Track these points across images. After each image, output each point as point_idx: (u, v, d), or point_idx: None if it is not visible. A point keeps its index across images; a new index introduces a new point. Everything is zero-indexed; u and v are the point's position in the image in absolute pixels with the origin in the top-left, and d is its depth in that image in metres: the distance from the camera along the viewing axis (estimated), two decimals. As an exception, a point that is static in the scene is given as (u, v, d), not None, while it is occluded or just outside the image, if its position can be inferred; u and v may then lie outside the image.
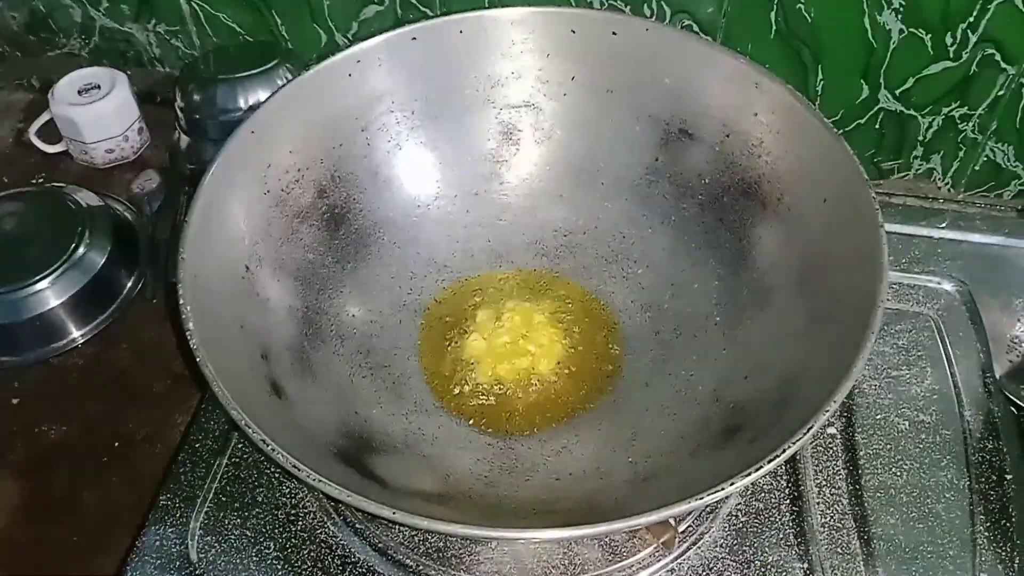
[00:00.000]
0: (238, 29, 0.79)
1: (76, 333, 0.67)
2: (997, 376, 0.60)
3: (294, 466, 0.39)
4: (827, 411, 0.40)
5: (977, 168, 0.75)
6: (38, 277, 0.65)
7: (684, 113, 0.57)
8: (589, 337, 0.58)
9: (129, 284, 0.70)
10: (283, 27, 0.78)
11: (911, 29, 0.66)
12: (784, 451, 0.38)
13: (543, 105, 0.61)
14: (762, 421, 0.46)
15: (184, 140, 0.75)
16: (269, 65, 0.72)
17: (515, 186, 0.62)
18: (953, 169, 0.76)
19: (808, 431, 0.39)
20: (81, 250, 0.67)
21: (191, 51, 0.82)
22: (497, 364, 0.57)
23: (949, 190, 0.77)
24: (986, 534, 0.53)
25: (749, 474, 0.38)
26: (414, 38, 0.56)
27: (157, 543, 0.52)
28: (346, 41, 0.78)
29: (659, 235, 0.60)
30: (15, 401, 0.64)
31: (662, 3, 0.68)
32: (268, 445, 0.39)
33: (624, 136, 0.60)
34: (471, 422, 0.55)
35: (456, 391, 0.56)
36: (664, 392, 0.54)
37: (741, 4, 0.67)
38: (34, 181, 0.78)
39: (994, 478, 0.55)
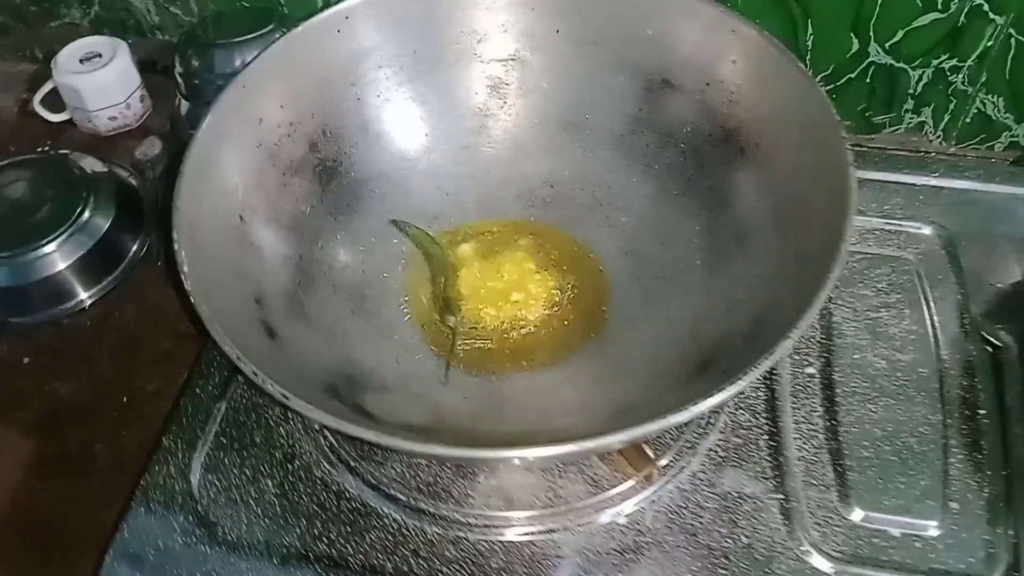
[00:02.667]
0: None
1: (84, 295, 0.69)
2: (975, 317, 0.61)
3: (283, 395, 0.41)
4: (790, 337, 0.41)
5: (968, 120, 0.75)
6: (45, 241, 0.68)
7: (666, 63, 0.59)
8: (575, 283, 0.60)
9: (134, 248, 0.72)
10: (280, -8, 0.79)
11: (900, -21, 0.66)
12: (744, 376, 0.40)
13: (529, 58, 0.62)
14: (734, 355, 0.47)
15: (184, 106, 0.77)
16: (266, 29, 0.73)
17: (502, 138, 0.63)
18: (944, 122, 0.76)
19: (770, 357, 0.41)
20: (87, 214, 0.70)
21: (190, 18, 0.84)
22: (485, 309, 0.59)
23: (940, 143, 0.78)
24: (958, 466, 0.54)
25: (712, 395, 0.40)
26: (399, -6, 0.58)
27: (161, 481, 0.55)
28: (343, 4, 0.79)
29: (642, 184, 0.61)
30: (26, 360, 0.66)
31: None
32: (258, 376, 0.41)
33: (608, 88, 0.61)
34: (459, 364, 0.56)
35: (449, 335, 0.58)
36: (645, 333, 0.56)
37: (732, -43, 0.68)
38: (40, 149, 0.80)
39: (967, 413, 0.57)
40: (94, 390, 0.64)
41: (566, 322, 0.59)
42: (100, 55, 0.79)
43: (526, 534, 0.52)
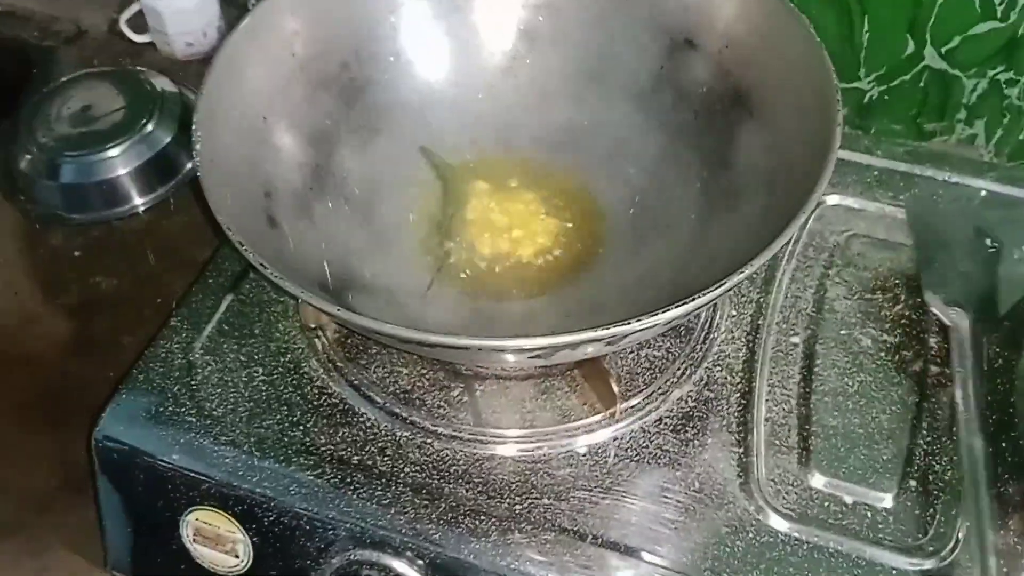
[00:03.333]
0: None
1: (138, 200, 0.74)
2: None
3: (261, 264, 0.44)
4: (742, 272, 0.43)
5: (1022, 138, 0.74)
6: (110, 145, 0.73)
7: (691, 23, 0.60)
8: (575, 225, 0.62)
9: (189, 165, 0.76)
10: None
11: (959, -17, 0.66)
12: (687, 302, 0.42)
13: (561, 6, 0.64)
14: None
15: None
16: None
17: (527, 82, 0.66)
18: (997, 136, 0.75)
19: (719, 288, 0.43)
20: (150, 127, 0.75)
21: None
22: (486, 238, 0.61)
23: (992, 158, 0.76)
24: (924, 447, 0.54)
25: (656, 314, 0.41)
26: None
27: (162, 355, 0.59)
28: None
29: (654, 138, 0.63)
30: (76, 254, 0.71)
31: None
32: (243, 246, 0.44)
33: (635, 43, 0.63)
34: (449, 285, 0.59)
35: (445, 256, 0.60)
36: (630, 276, 0.58)
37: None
38: (121, 65, 0.86)
39: (945, 400, 0.56)
40: (131, 287, 0.69)
41: (558, 260, 0.61)
42: (186, -19, 0.84)
43: (487, 449, 0.54)
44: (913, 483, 0.53)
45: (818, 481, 0.53)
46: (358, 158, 0.62)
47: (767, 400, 0.56)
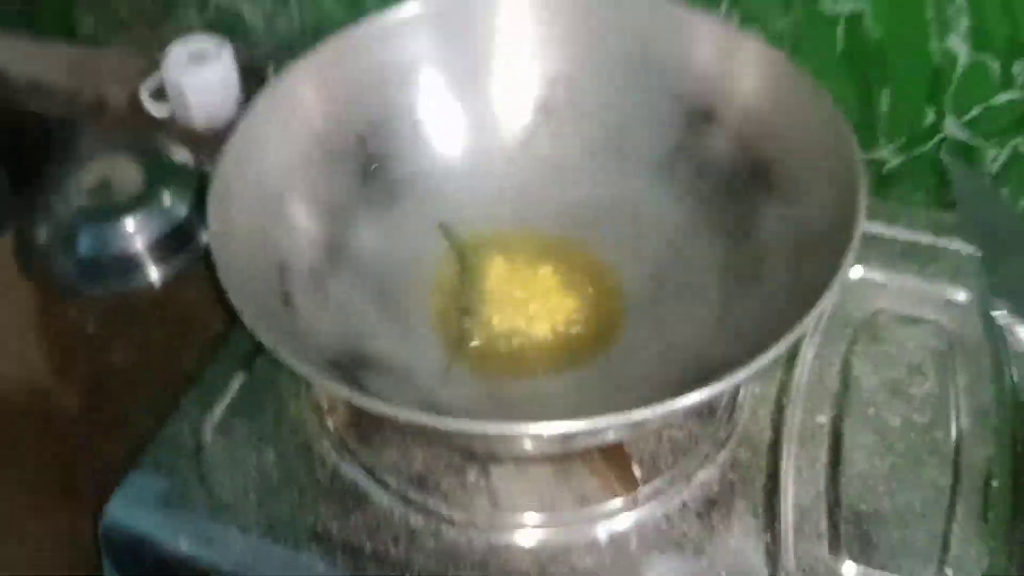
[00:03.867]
0: (337, 10, 0.85)
1: (154, 273, 0.73)
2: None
3: (273, 346, 0.43)
4: (767, 356, 0.41)
5: (1048, 207, 0.73)
6: (127, 218, 0.73)
7: (709, 96, 0.60)
8: (595, 299, 0.61)
9: (205, 238, 0.76)
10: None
11: (978, 54, 0.66)
12: (714, 385, 0.41)
13: (579, 80, 0.64)
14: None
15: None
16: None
17: (546, 154, 0.65)
18: (1022, 206, 0.74)
19: (743, 371, 0.41)
20: (168, 200, 0.74)
21: (292, 28, 0.89)
22: (504, 314, 0.60)
23: (1020, 227, 0.76)
24: (960, 533, 0.52)
25: (681, 398, 0.40)
26: (465, 3, 0.61)
27: (172, 437, 0.58)
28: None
29: (674, 212, 0.62)
30: (91, 327, 0.70)
31: (733, 11, 0.70)
32: (254, 328, 0.44)
33: (652, 115, 0.62)
34: (466, 364, 0.58)
35: (462, 334, 0.59)
36: (652, 353, 0.56)
37: (810, 19, 0.69)
38: (140, 138, 0.86)
39: (980, 483, 0.54)
40: (145, 362, 0.68)
41: (578, 337, 0.59)
42: (207, 55, 0.84)
43: (504, 536, 0.52)
44: (950, 571, 0.50)
45: (850, 569, 0.51)
46: (374, 232, 0.61)
47: (794, 483, 0.54)
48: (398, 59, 0.62)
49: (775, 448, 0.56)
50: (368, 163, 0.61)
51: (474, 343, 0.59)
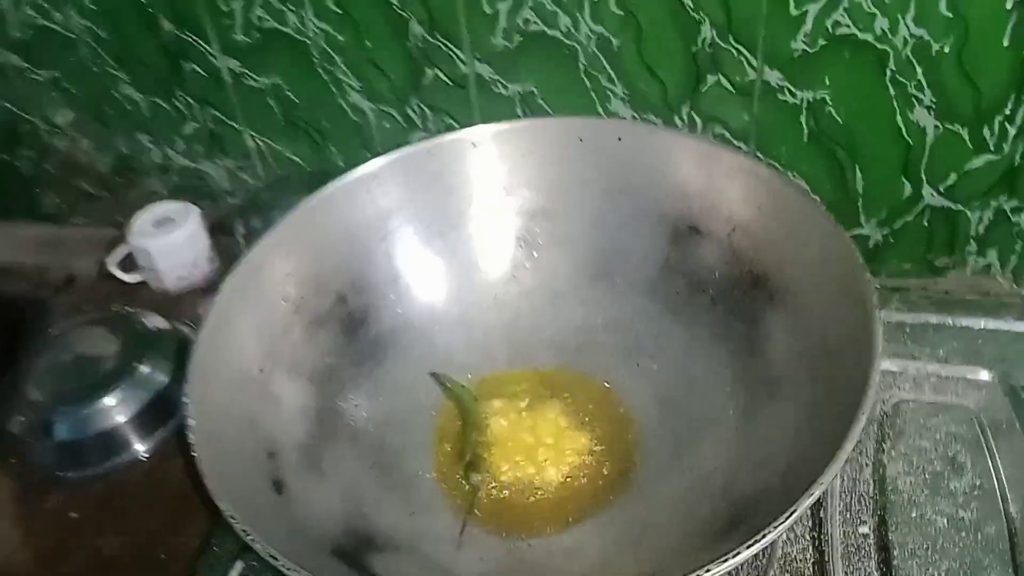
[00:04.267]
0: (298, 161, 0.84)
1: (139, 447, 0.70)
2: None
3: (271, 556, 0.39)
4: (811, 494, 0.38)
5: (1035, 260, 0.71)
6: (105, 393, 0.69)
7: (692, 209, 0.59)
8: (606, 435, 0.58)
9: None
10: (339, 157, 0.83)
11: (946, 125, 0.65)
12: (760, 539, 0.37)
13: (556, 210, 0.63)
14: (763, 512, 0.44)
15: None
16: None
17: (532, 289, 0.64)
18: (1013, 263, 0.73)
19: (789, 515, 0.38)
20: (146, 368, 0.71)
21: (257, 183, 0.88)
22: (512, 466, 0.57)
23: (1012, 285, 0.74)
24: (1035, 638, 0.48)
25: (725, 559, 0.36)
26: (429, 152, 0.60)
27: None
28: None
29: (673, 329, 0.60)
30: (74, 515, 0.67)
31: (693, 114, 0.70)
32: (248, 535, 0.40)
33: (636, 235, 0.61)
34: (479, 522, 0.54)
35: (471, 492, 0.56)
36: (677, 488, 0.53)
37: (772, 110, 0.68)
38: (113, 308, 0.84)
39: (1044, 578, 0.51)
40: (137, 546, 0.64)
41: (594, 478, 0.57)
42: (173, 219, 0.83)
43: None
44: None
45: None
46: (365, 393, 0.59)
47: (849, 606, 0.51)
48: (369, 214, 0.61)
49: (820, 568, 0.52)
50: (350, 321, 0.59)
51: (484, 500, 0.55)
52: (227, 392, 0.49)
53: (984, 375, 0.62)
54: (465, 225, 0.63)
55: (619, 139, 0.58)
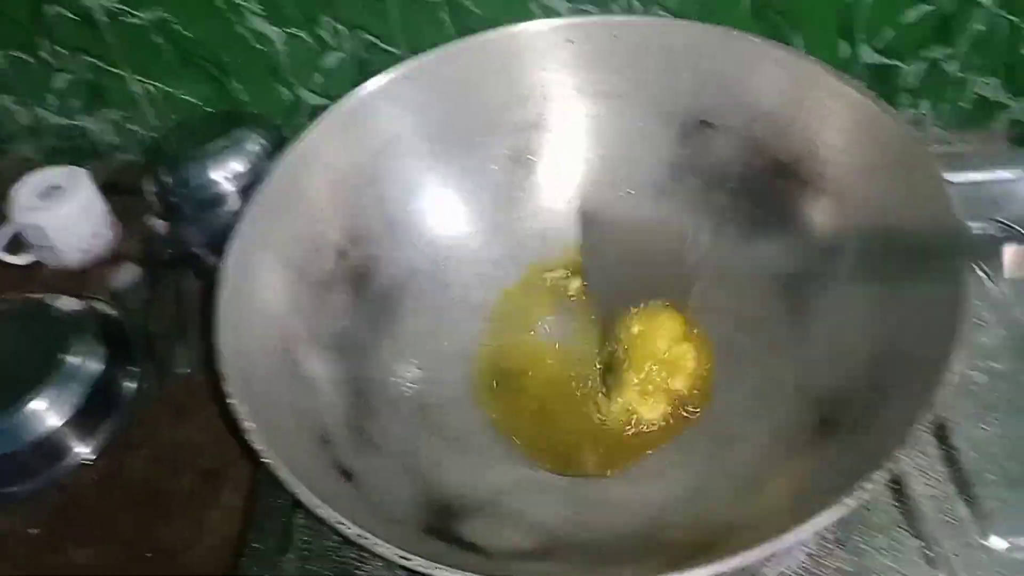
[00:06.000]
0: (196, 102, 0.75)
1: (85, 448, 0.62)
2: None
3: (401, 556, 0.36)
4: (931, 405, 0.37)
5: (967, 106, 0.75)
6: (32, 397, 0.61)
7: (703, 104, 0.56)
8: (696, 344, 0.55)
9: (134, 385, 0.66)
10: (244, 92, 0.75)
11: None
12: (894, 454, 0.36)
13: (552, 122, 0.59)
14: (857, 409, 0.44)
15: (160, 225, 0.71)
16: (238, 133, 0.69)
17: (538, 211, 0.60)
18: (943, 112, 0.76)
19: (918, 425, 0.37)
20: (73, 359, 0.63)
21: (151, 133, 0.79)
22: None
23: (943, 132, 0.77)
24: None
25: (870, 479, 0.35)
26: (407, 78, 0.54)
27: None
28: (312, 95, 0.75)
29: (698, 232, 0.58)
30: (33, 532, 0.59)
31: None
32: (347, 527, 0.36)
33: (640, 138, 0.58)
34: (547, 465, 0.52)
35: (525, 433, 0.53)
36: (747, 395, 0.52)
37: (710, -14, 0.66)
38: (10, 297, 0.73)
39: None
40: (115, 551, 0.58)
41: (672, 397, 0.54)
42: (61, 187, 0.73)
43: None
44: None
45: (1004, 546, 0.50)
46: (388, 349, 0.55)
47: (917, 475, 0.52)
48: (351, 158, 0.55)
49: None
50: (355, 275, 0.53)
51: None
52: (263, 385, 0.44)
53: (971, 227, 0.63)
54: (458, 153, 0.58)
55: (614, 36, 0.54)
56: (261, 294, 0.48)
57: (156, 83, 0.75)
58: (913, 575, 0.49)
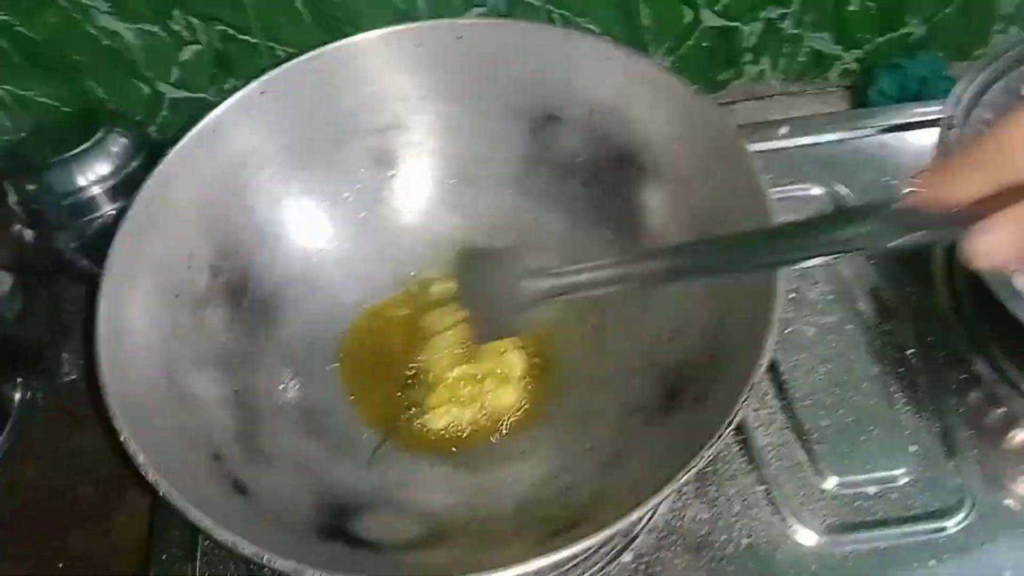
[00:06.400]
0: (53, 103, 0.74)
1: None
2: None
3: (271, 561, 0.39)
4: (761, 364, 0.43)
5: (803, 60, 0.80)
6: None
7: (547, 98, 0.58)
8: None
9: (17, 396, 0.66)
10: (100, 90, 0.74)
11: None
12: (733, 417, 0.42)
13: (408, 122, 0.61)
14: (700, 379, 0.49)
15: (28, 234, 0.70)
16: (99, 134, 0.68)
17: (402, 208, 0.62)
18: (782, 66, 0.81)
19: (748, 390, 0.42)
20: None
21: (5, 137, 0.77)
22: (440, 393, 0.57)
23: (781, 83, 0.82)
24: (904, 409, 0.58)
25: (712, 444, 0.41)
26: (263, 92, 0.55)
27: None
28: (172, 88, 0.75)
29: (553, 221, 0.61)
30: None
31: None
32: (246, 547, 0.39)
33: (494, 134, 0.60)
34: (428, 454, 0.56)
35: (402, 428, 0.57)
36: (601, 371, 0.56)
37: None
38: None
39: (897, 356, 0.60)
40: (24, 567, 0.59)
41: (526, 383, 0.58)
42: None
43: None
44: (914, 448, 0.57)
45: (836, 483, 0.56)
46: (269, 358, 0.56)
47: (758, 425, 0.58)
48: (216, 170, 0.55)
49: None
50: (229, 289, 0.55)
51: (424, 432, 0.56)
52: (149, 412, 0.46)
53: (813, 190, 0.69)
54: (319, 159, 0.59)
55: (459, 38, 0.56)
56: (139, 323, 0.49)
57: (6, 86, 0.73)
58: (760, 517, 0.55)
